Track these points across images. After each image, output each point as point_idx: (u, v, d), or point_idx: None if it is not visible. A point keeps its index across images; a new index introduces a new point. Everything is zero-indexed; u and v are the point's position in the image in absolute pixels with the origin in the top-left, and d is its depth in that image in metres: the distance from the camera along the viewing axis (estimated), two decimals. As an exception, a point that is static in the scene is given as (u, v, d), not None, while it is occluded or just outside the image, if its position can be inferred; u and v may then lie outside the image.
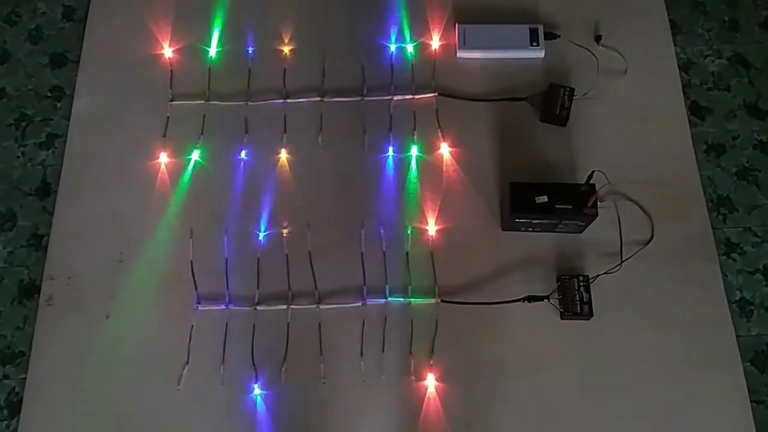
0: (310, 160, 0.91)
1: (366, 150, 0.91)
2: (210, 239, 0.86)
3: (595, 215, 0.81)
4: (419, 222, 0.87)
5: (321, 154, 0.91)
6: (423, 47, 0.97)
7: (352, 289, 0.84)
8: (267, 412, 0.78)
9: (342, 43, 0.97)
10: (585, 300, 0.81)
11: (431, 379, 0.79)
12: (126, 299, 0.84)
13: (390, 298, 0.83)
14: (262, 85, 0.95)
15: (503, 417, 0.78)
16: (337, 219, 0.87)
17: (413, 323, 0.82)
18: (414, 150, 0.91)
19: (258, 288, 0.84)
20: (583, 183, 0.80)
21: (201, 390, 0.79)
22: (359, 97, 0.94)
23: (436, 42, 0.97)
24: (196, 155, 0.91)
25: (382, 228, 0.86)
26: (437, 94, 0.93)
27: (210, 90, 0.95)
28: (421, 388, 0.79)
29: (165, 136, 0.92)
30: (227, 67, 0.97)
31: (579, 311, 0.81)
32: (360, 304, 0.83)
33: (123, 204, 0.89)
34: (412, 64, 0.96)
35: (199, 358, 0.81)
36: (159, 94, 0.94)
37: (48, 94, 1.47)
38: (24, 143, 1.43)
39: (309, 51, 0.97)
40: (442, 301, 0.82)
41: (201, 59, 0.97)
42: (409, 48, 0.97)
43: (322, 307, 0.83)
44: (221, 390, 0.79)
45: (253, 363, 0.80)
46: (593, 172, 0.79)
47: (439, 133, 0.92)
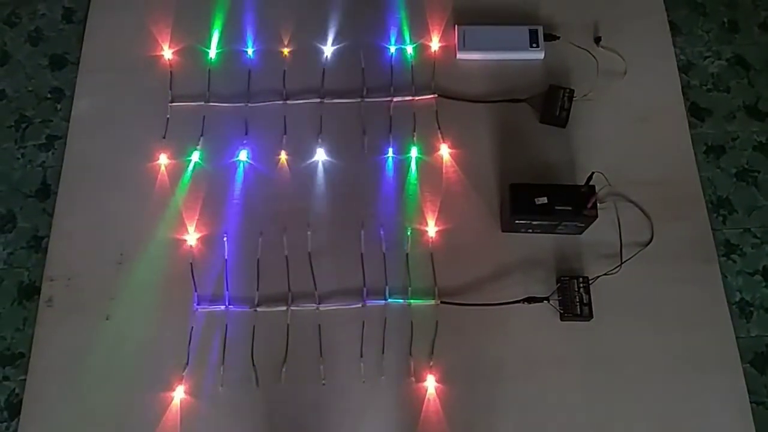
0: (309, 161, 0.91)
1: (366, 151, 0.91)
2: (210, 240, 0.86)
3: (595, 216, 0.81)
4: (419, 223, 0.87)
5: (321, 155, 0.91)
6: (423, 48, 0.97)
7: (352, 291, 0.84)
8: (267, 412, 0.78)
9: (342, 45, 0.98)
10: (585, 301, 0.81)
11: (431, 381, 0.79)
12: (126, 300, 0.84)
13: (390, 299, 0.83)
14: (261, 87, 0.95)
15: (503, 418, 0.78)
16: (337, 220, 0.87)
17: (413, 324, 0.82)
18: (414, 151, 0.91)
19: (258, 289, 0.84)
20: (583, 184, 0.80)
21: (201, 391, 0.79)
22: (359, 99, 0.94)
23: (435, 43, 0.97)
24: (195, 157, 0.91)
25: (382, 229, 0.86)
26: (437, 95, 0.93)
27: (210, 91, 0.95)
28: (421, 389, 0.79)
29: (165, 137, 0.92)
30: (227, 69, 0.97)
31: (579, 312, 0.81)
32: (360, 305, 0.83)
33: (123, 205, 0.89)
34: (411, 65, 0.96)
35: (199, 359, 0.81)
36: (159, 95, 0.94)
37: (48, 95, 1.47)
38: (24, 145, 1.43)
39: (309, 52, 0.97)
40: (442, 303, 0.82)
41: (201, 61, 0.97)
42: (409, 49, 0.97)
43: (321, 309, 0.83)
44: (221, 391, 0.79)
45: (253, 364, 0.80)
46: (593, 173, 0.79)
47: (439, 135, 0.92)
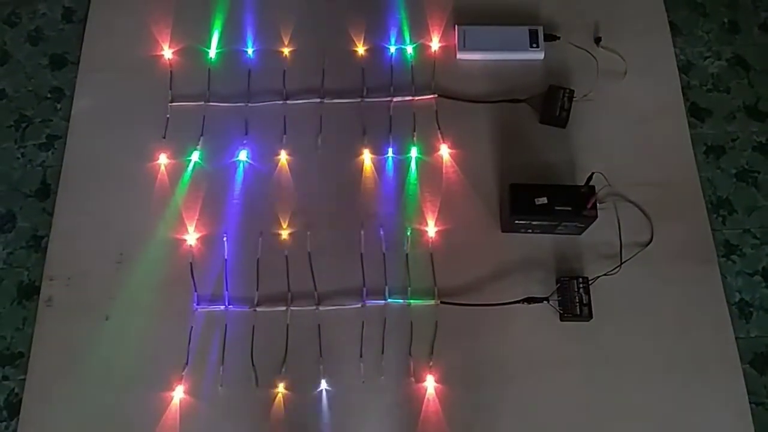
0: (309, 161, 0.91)
1: (366, 151, 0.91)
2: (210, 240, 0.86)
3: (595, 217, 0.81)
4: (419, 223, 0.87)
5: (321, 155, 0.91)
6: (423, 49, 0.97)
7: (351, 291, 0.84)
8: (266, 413, 0.78)
9: (341, 45, 0.98)
10: (584, 301, 0.81)
11: (431, 381, 0.79)
12: (125, 300, 0.84)
13: (390, 299, 0.83)
14: (261, 87, 0.95)
15: (503, 418, 0.78)
16: (337, 220, 0.87)
17: (413, 324, 0.82)
18: (414, 151, 0.91)
19: (257, 289, 0.84)
20: (583, 184, 0.80)
21: (200, 391, 0.79)
22: (359, 99, 0.94)
23: (435, 43, 0.97)
24: (195, 156, 0.91)
25: (381, 229, 0.86)
26: (437, 95, 0.93)
27: (210, 91, 0.95)
28: (421, 389, 0.79)
29: (165, 137, 0.92)
30: (227, 69, 0.97)
31: (578, 313, 0.81)
32: (360, 305, 0.83)
33: (122, 205, 0.89)
34: (411, 65, 0.96)
35: (199, 359, 0.81)
36: (159, 95, 0.94)
37: (48, 95, 1.47)
38: (24, 144, 1.42)
39: (309, 52, 0.97)
40: (441, 303, 0.82)
41: (201, 60, 0.97)
42: (409, 49, 0.97)
43: (321, 309, 0.83)
44: (221, 391, 0.79)
45: (253, 364, 0.80)
46: (593, 173, 0.79)
47: (439, 135, 0.92)
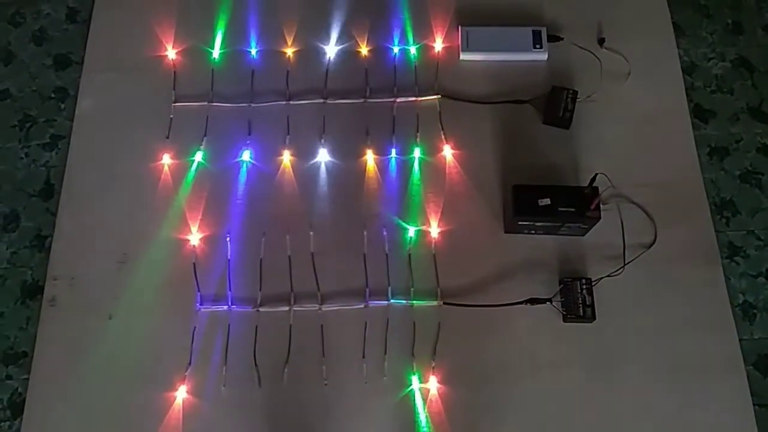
0: (312, 161, 0.91)
1: (369, 152, 0.91)
2: (213, 240, 0.86)
3: (598, 218, 0.81)
4: (422, 224, 0.87)
5: (324, 155, 0.91)
6: (426, 49, 0.97)
7: (354, 291, 0.84)
8: (269, 413, 0.78)
9: (345, 46, 0.97)
10: (587, 303, 0.81)
11: (433, 382, 0.79)
12: (129, 300, 0.84)
13: (392, 300, 0.83)
14: (265, 87, 0.95)
15: (505, 419, 0.78)
16: (340, 221, 0.87)
17: (415, 325, 0.82)
18: (417, 152, 0.91)
19: (260, 289, 0.84)
20: (586, 186, 0.80)
21: (203, 391, 0.79)
22: (362, 99, 0.94)
23: (439, 44, 0.97)
24: (199, 157, 0.91)
25: (384, 230, 0.86)
26: (440, 96, 0.93)
27: (213, 92, 0.95)
28: (424, 390, 0.79)
29: (168, 137, 0.92)
30: (230, 69, 0.97)
31: (581, 314, 0.81)
32: (362, 306, 0.83)
33: (126, 205, 0.89)
34: (415, 66, 0.96)
35: (202, 359, 0.81)
36: (162, 95, 0.94)
37: (52, 95, 1.47)
38: (27, 144, 1.43)
39: (312, 53, 0.97)
40: (444, 303, 0.82)
41: (204, 61, 0.97)
42: (412, 50, 0.97)
43: (324, 309, 0.83)
44: (223, 391, 0.79)
45: (255, 364, 0.80)
46: (596, 174, 0.79)
47: (442, 135, 0.92)
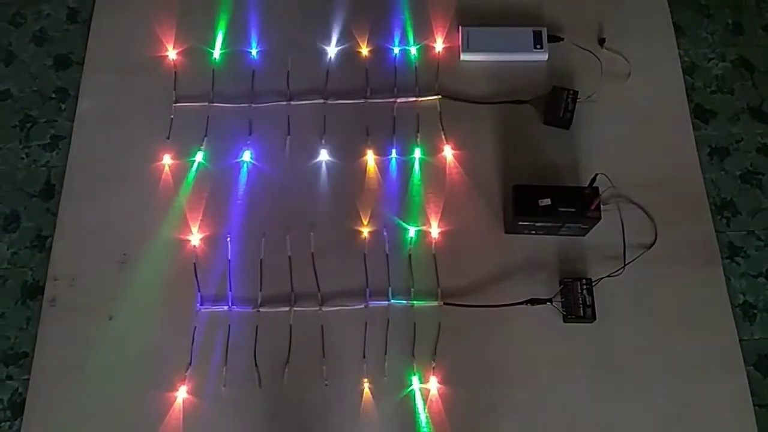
0: (313, 162, 0.91)
1: (369, 152, 0.91)
2: (213, 241, 0.86)
3: (599, 218, 0.81)
4: (422, 224, 0.87)
5: (324, 155, 0.91)
6: (426, 50, 0.97)
7: (354, 292, 0.84)
8: (269, 413, 0.78)
9: (345, 46, 0.97)
10: (588, 303, 0.81)
11: (434, 382, 0.79)
12: (129, 300, 0.84)
13: (393, 300, 0.83)
14: (265, 87, 0.95)
15: (506, 420, 0.78)
16: (340, 221, 0.87)
17: (416, 326, 0.82)
18: (417, 152, 0.91)
19: (261, 290, 0.84)
20: (587, 186, 0.80)
21: (203, 391, 0.79)
22: (362, 100, 0.94)
23: (439, 44, 0.97)
24: (199, 157, 0.91)
25: (385, 230, 0.86)
26: (440, 96, 0.93)
27: (214, 92, 0.95)
28: (424, 390, 0.79)
29: (169, 138, 0.92)
30: (231, 70, 0.97)
31: (582, 314, 0.81)
32: (363, 306, 0.83)
33: (126, 206, 0.89)
34: (415, 66, 0.96)
35: (202, 359, 0.81)
36: (163, 96, 0.95)
37: (52, 95, 1.48)
38: (28, 145, 1.43)
39: (312, 53, 0.97)
40: (444, 304, 0.82)
41: (205, 61, 0.97)
42: (413, 50, 0.97)
43: (324, 309, 0.83)
44: (224, 391, 0.79)
45: (256, 365, 0.80)
46: (596, 175, 0.79)
47: (443, 136, 0.92)
